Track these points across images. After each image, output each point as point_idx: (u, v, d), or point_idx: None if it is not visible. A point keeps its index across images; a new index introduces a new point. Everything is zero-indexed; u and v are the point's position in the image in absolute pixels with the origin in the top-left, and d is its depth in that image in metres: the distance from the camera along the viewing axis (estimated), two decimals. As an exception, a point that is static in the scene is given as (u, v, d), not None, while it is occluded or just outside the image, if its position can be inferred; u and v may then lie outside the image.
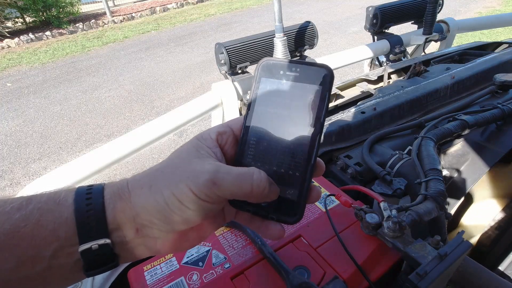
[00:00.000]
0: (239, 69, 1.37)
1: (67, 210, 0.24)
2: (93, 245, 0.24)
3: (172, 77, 4.24)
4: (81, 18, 7.78)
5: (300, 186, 0.27)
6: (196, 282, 0.45)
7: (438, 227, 0.57)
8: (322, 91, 0.27)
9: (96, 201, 0.25)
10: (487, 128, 0.76)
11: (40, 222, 0.23)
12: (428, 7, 1.54)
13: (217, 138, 0.29)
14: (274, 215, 0.28)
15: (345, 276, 0.44)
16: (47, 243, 0.23)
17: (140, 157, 2.61)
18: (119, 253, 0.26)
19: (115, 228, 0.25)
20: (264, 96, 0.28)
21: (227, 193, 0.25)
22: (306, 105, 0.27)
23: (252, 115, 0.28)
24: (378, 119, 0.89)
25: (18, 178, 2.58)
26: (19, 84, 4.53)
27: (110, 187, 0.26)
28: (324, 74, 0.27)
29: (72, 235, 0.24)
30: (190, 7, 8.71)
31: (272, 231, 0.28)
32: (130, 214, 0.25)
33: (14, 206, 0.24)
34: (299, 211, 0.27)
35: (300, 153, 0.27)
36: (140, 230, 0.25)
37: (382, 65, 1.87)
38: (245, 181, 0.25)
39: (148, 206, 0.25)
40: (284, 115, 0.28)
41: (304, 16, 6.52)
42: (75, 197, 0.25)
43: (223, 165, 0.26)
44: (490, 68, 1.08)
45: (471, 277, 0.49)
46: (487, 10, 5.77)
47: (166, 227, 0.25)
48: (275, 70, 0.28)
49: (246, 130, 0.28)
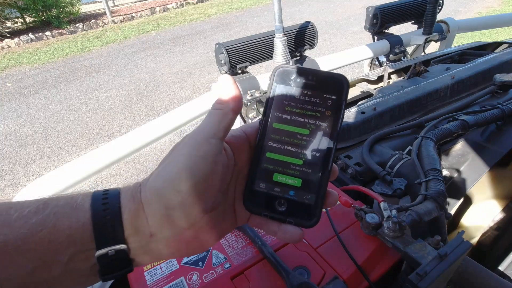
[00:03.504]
0: (239, 69, 1.37)
1: (84, 215, 0.24)
2: (109, 250, 0.24)
3: (172, 77, 4.25)
4: (81, 18, 7.78)
5: (317, 191, 0.28)
6: (196, 282, 0.45)
7: (438, 227, 0.56)
8: (337, 100, 0.28)
9: (113, 207, 0.25)
10: (487, 128, 0.76)
11: (56, 226, 0.23)
12: (428, 7, 1.54)
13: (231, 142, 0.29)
14: (291, 219, 0.28)
15: (345, 276, 0.44)
16: (63, 248, 0.23)
17: (140, 157, 2.61)
18: (134, 257, 0.26)
19: (131, 234, 0.25)
20: (280, 103, 0.29)
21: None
22: (323, 113, 0.28)
23: (268, 121, 0.29)
24: (378, 119, 0.89)
25: (18, 178, 2.58)
26: (19, 84, 4.53)
27: (125, 192, 0.26)
28: (339, 83, 0.28)
29: (89, 241, 0.24)
30: (190, 7, 8.71)
31: (291, 234, 0.28)
32: (144, 219, 0.25)
33: (31, 210, 0.24)
34: (316, 214, 0.28)
35: (317, 160, 0.28)
36: (154, 234, 0.25)
37: (382, 65, 1.87)
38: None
39: (155, 210, 0.25)
40: (300, 122, 0.28)
41: (304, 16, 6.52)
42: (92, 203, 0.25)
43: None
44: (490, 68, 1.08)
45: (471, 277, 0.49)
46: (487, 10, 5.77)
47: (174, 230, 0.25)
48: (291, 78, 0.29)
49: (262, 136, 0.29)
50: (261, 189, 0.29)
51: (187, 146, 0.26)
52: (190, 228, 0.26)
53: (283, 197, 0.28)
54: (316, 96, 0.28)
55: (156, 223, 0.25)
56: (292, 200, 0.28)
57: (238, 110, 0.28)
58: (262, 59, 1.42)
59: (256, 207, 0.29)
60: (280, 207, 0.28)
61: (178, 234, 0.26)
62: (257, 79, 1.38)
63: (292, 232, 0.28)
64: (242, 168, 0.29)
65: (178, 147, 0.27)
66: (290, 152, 0.28)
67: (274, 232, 0.29)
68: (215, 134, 0.26)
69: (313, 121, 0.28)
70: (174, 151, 0.27)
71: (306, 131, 0.28)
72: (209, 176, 0.25)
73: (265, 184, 0.29)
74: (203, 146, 0.26)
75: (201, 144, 0.26)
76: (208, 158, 0.25)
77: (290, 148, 0.28)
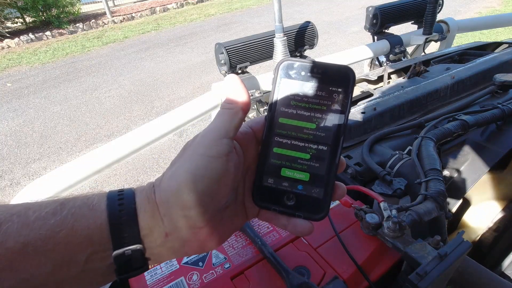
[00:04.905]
0: (239, 69, 1.37)
1: (101, 216, 0.25)
2: (126, 250, 0.25)
3: (172, 77, 4.25)
4: (81, 18, 7.78)
5: (325, 185, 0.28)
6: (196, 282, 0.45)
7: (438, 227, 0.56)
8: (344, 92, 0.27)
9: (128, 208, 0.25)
10: (487, 128, 0.76)
11: (74, 227, 0.24)
12: (428, 7, 1.54)
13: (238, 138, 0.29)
14: (300, 213, 0.28)
15: (345, 276, 0.44)
16: (81, 248, 0.24)
17: (140, 157, 2.61)
18: (150, 257, 0.26)
19: (146, 234, 0.26)
20: (286, 97, 0.28)
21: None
22: (329, 106, 0.28)
23: (274, 116, 0.29)
24: (378, 119, 0.89)
25: (18, 178, 2.58)
26: (19, 84, 4.54)
27: (140, 192, 0.27)
28: (345, 75, 0.28)
29: (106, 241, 0.25)
30: (190, 7, 8.71)
31: (301, 228, 0.29)
32: (159, 220, 0.26)
33: (49, 211, 0.24)
34: (325, 208, 0.28)
35: (324, 154, 0.28)
36: (170, 234, 0.26)
37: (382, 65, 1.87)
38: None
39: (171, 211, 0.25)
40: (306, 116, 0.28)
41: (304, 16, 6.52)
42: (108, 203, 0.25)
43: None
44: (490, 68, 1.08)
45: (471, 277, 0.49)
46: (487, 10, 5.77)
47: (190, 230, 0.26)
48: (296, 71, 0.28)
49: (269, 131, 0.29)
50: (269, 184, 0.29)
51: (200, 146, 0.26)
52: (205, 227, 0.26)
53: (291, 191, 0.28)
54: (321, 89, 0.28)
55: (172, 224, 0.26)
56: (301, 194, 0.28)
57: (247, 109, 0.28)
58: (262, 59, 1.42)
59: (265, 202, 0.29)
60: (289, 201, 0.28)
61: (194, 234, 0.26)
62: (257, 79, 1.38)
63: (302, 225, 0.28)
64: (250, 164, 0.30)
65: (190, 147, 0.27)
66: (297, 146, 0.28)
67: (284, 226, 0.29)
68: (227, 134, 0.27)
69: (320, 114, 0.28)
70: (186, 151, 0.27)
71: (312, 125, 0.28)
72: (223, 176, 0.26)
73: (273, 179, 0.29)
74: (215, 146, 0.26)
75: (213, 144, 0.26)
76: (221, 158, 0.26)
77: (297, 143, 0.28)
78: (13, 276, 0.22)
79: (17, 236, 0.23)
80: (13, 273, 0.22)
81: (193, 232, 0.26)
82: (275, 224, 0.30)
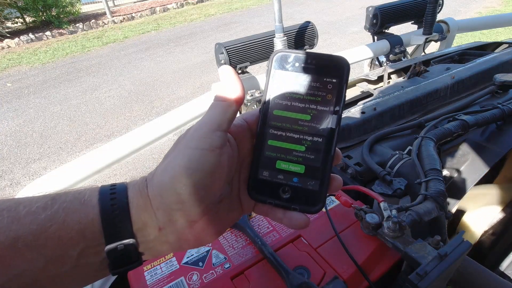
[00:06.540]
0: (239, 69, 1.37)
1: (93, 210, 0.24)
2: (118, 245, 0.24)
3: (172, 77, 4.24)
4: (81, 18, 7.78)
5: (321, 176, 0.28)
6: (196, 282, 0.45)
7: (438, 227, 0.56)
8: (339, 82, 0.27)
9: (121, 201, 0.25)
10: (487, 128, 0.76)
11: (66, 222, 0.24)
12: (428, 7, 1.53)
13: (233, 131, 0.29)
14: (296, 205, 0.28)
15: (345, 276, 0.44)
16: (74, 243, 0.24)
17: (140, 157, 2.61)
18: (143, 251, 0.26)
19: (139, 228, 0.25)
20: (280, 89, 0.28)
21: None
22: (324, 97, 0.27)
23: (268, 108, 0.28)
24: (378, 119, 0.89)
25: (18, 178, 2.58)
26: (19, 84, 4.53)
27: (132, 186, 0.26)
28: (340, 66, 0.27)
29: (98, 236, 0.24)
30: (190, 7, 8.71)
31: (297, 221, 0.28)
32: (152, 214, 0.25)
33: (39, 206, 0.24)
34: (321, 200, 0.28)
35: (320, 145, 0.28)
36: (163, 228, 0.26)
37: (382, 65, 1.87)
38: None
39: (164, 205, 0.25)
40: (301, 108, 0.28)
41: (304, 16, 6.52)
42: (100, 198, 0.25)
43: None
44: (490, 68, 1.08)
45: (471, 277, 0.49)
46: (487, 10, 5.77)
47: (185, 224, 0.26)
48: (290, 62, 0.28)
49: (263, 123, 0.28)
50: (264, 177, 0.28)
51: (193, 140, 0.26)
52: (200, 220, 0.26)
53: (287, 184, 0.28)
54: (316, 80, 0.27)
55: (166, 218, 0.25)
56: (296, 187, 0.28)
57: (241, 101, 0.28)
58: (262, 59, 1.42)
59: (261, 195, 0.28)
60: (284, 194, 0.28)
61: (188, 227, 0.26)
62: (257, 79, 1.38)
63: (297, 218, 0.28)
64: (245, 157, 0.29)
65: (183, 140, 0.27)
66: (292, 138, 0.28)
67: (280, 219, 0.29)
68: (220, 126, 0.26)
69: (314, 106, 0.27)
70: (179, 144, 0.27)
71: (307, 117, 0.28)
72: (216, 169, 0.25)
73: (268, 172, 0.28)
74: (208, 139, 0.25)
75: (206, 137, 0.26)
76: (214, 151, 0.25)
77: (291, 135, 0.28)
78: (5, 272, 0.22)
79: (7, 231, 0.22)
80: (4, 269, 0.22)
81: (189, 226, 0.26)
82: (271, 217, 0.30)
